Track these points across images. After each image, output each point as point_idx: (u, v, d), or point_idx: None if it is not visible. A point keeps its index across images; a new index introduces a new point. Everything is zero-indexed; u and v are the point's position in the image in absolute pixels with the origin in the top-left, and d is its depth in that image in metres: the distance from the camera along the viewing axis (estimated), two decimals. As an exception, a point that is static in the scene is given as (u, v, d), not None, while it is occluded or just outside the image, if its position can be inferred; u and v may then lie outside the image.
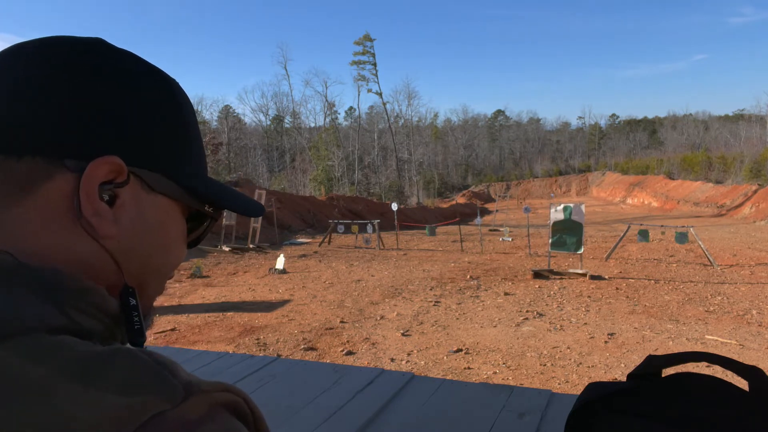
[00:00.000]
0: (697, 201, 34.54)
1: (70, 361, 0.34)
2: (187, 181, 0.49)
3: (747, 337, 6.84)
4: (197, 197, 0.50)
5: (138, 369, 0.35)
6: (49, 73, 0.42)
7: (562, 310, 8.42)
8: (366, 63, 57.58)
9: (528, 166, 74.98)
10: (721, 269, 11.63)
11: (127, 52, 0.48)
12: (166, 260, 0.50)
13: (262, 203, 15.65)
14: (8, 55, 0.44)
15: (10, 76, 0.42)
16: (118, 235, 0.43)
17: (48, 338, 0.35)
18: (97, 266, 0.43)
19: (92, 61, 0.44)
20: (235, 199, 0.54)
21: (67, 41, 0.45)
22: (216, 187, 0.52)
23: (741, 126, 60.45)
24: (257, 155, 59.56)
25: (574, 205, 11.86)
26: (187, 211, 0.51)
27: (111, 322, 0.42)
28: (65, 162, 0.41)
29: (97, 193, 0.42)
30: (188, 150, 0.50)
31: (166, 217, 0.48)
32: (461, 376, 5.76)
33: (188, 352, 2.18)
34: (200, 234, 0.56)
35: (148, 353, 0.37)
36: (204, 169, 0.53)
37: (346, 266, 13.24)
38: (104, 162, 0.42)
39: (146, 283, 0.48)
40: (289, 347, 6.83)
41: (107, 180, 0.42)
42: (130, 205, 0.44)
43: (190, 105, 0.52)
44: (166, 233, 0.49)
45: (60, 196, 0.41)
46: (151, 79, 0.47)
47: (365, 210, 27.99)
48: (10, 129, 0.41)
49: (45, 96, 0.41)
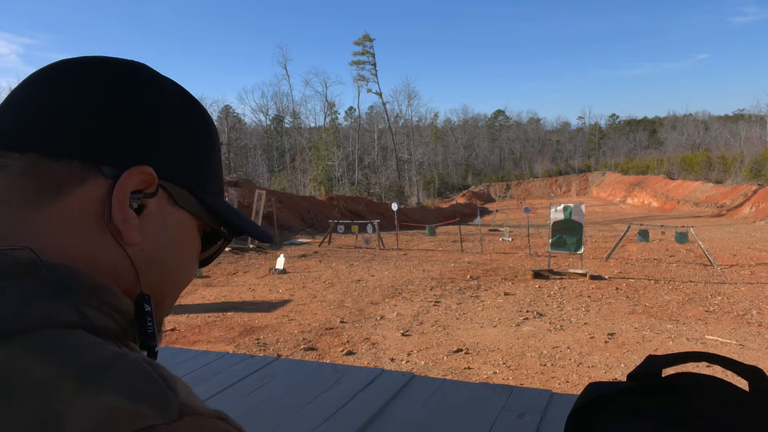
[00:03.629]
0: (697, 201, 34.55)
1: (74, 361, 0.34)
2: (209, 201, 0.51)
3: (747, 337, 6.84)
4: (216, 217, 0.52)
5: (138, 377, 0.35)
6: (97, 86, 0.45)
7: (562, 310, 8.42)
8: (366, 63, 57.58)
9: (528, 166, 74.99)
10: (721, 269, 11.63)
11: (167, 77, 0.51)
12: (182, 273, 0.52)
13: (262, 203, 15.55)
14: (57, 66, 0.47)
15: (59, 84, 0.45)
16: (141, 243, 0.45)
17: (57, 335, 0.35)
18: (117, 272, 0.44)
19: (136, 80, 0.47)
20: (249, 224, 0.56)
21: (115, 61, 0.48)
22: (233, 210, 0.55)
23: (741, 126, 60.43)
24: (257, 155, 59.55)
25: (574, 205, 11.87)
26: (202, 230, 0.53)
27: (124, 321, 0.43)
28: (102, 168, 0.43)
29: (127, 200, 0.43)
30: (213, 172, 0.53)
31: (186, 232, 0.50)
32: (461, 376, 5.76)
33: (188, 352, 2.18)
34: (211, 254, 0.58)
35: (153, 365, 0.37)
36: (222, 193, 0.56)
37: (346, 266, 13.24)
38: (138, 171, 0.44)
39: (161, 293, 0.50)
40: (289, 347, 6.83)
41: (138, 189, 0.44)
42: (156, 216, 0.47)
43: (217, 131, 0.55)
44: (185, 247, 0.51)
45: (91, 200, 0.43)
46: (187, 102, 0.51)
47: (365, 210, 28.00)
48: (53, 132, 0.43)
49: (89, 105, 0.44)
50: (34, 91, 0.45)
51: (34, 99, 0.44)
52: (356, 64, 57.71)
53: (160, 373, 0.37)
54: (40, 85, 0.45)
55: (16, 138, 0.43)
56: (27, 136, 0.43)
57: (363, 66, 57.62)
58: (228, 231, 0.55)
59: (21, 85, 0.46)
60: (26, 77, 0.47)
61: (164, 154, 0.46)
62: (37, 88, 0.45)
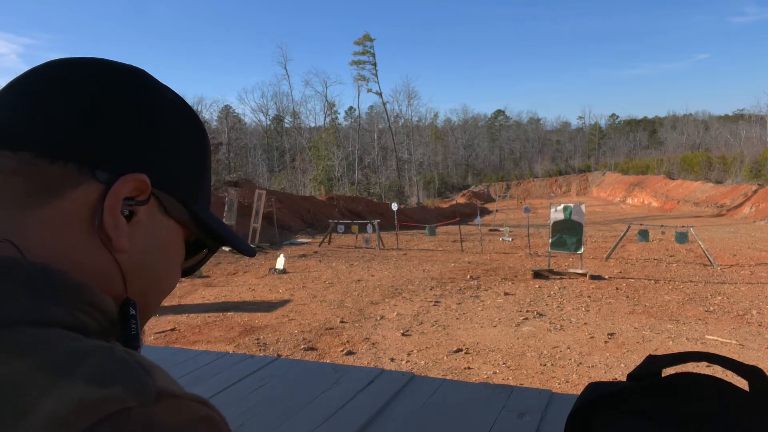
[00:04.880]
0: (697, 201, 34.55)
1: (47, 355, 0.34)
2: (198, 211, 0.51)
3: (747, 337, 6.84)
4: (204, 228, 0.53)
5: (112, 364, 0.35)
6: (96, 89, 0.45)
7: (562, 310, 8.42)
8: (366, 63, 57.55)
9: (528, 166, 74.96)
10: (721, 269, 11.63)
11: (164, 84, 0.51)
12: (168, 281, 0.52)
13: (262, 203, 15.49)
14: (58, 64, 0.46)
15: (57, 83, 0.44)
16: (130, 250, 0.45)
17: (32, 332, 0.35)
18: (105, 277, 0.44)
19: (134, 86, 0.47)
20: (233, 236, 0.56)
21: (114, 65, 0.48)
22: (219, 222, 0.55)
23: (741, 126, 60.40)
24: (257, 155, 59.53)
25: (574, 205, 11.87)
26: (187, 239, 0.53)
27: (105, 321, 0.42)
28: (96, 173, 0.43)
29: (119, 207, 0.43)
30: (203, 183, 0.53)
31: (173, 240, 0.51)
32: (461, 376, 5.76)
33: (188, 352, 2.18)
34: (195, 263, 0.58)
35: (130, 353, 0.37)
36: (210, 203, 0.56)
37: (346, 266, 13.24)
38: (132, 179, 0.44)
39: (146, 299, 0.50)
40: (289, 347, 6.83)
41: (130, 196, 0.44)
42: (146, 223, 0.46)
43: (209, 142, 0.55)
44: (172, 256, 0.51)
45: (83, 204, 0.43)
46: (184, 111, 0.51)
47: (365, 210, 27.99)
48: (49, 133, 0.42)
49: (86, 108, 0.44)
50: (29, 91, 0.44)
51: (28, 98, 0.44)
52: (356, 64, 57.70)
53: (136, 359, 0.36)
54: (37, 85, 0.45)
55: (9, 137, 0.42)
56: (21, 135, 0.42)
57: (363, 66, 57.61)
58: (213, 242, 0.55)
59: (14, 82, 0.46)
60: (20, 75, 0.46)
61: (159, 162, 0.46)
62: (33, 87, 0.45)
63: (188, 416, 0.35)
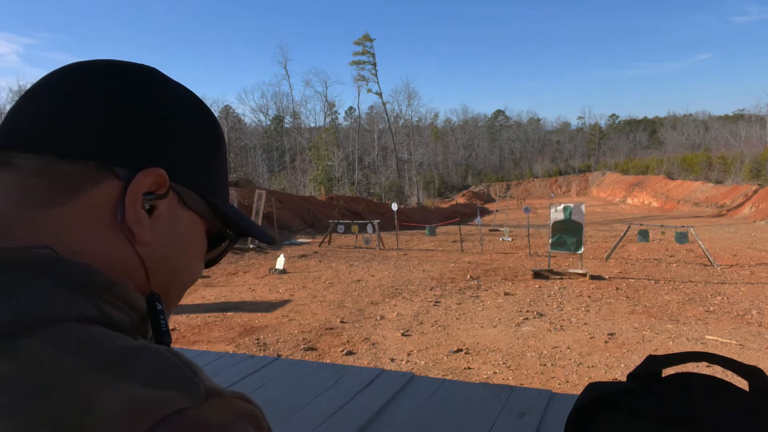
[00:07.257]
0: (697, 201, 34.55)
1: (98, 353, 0.35)
2: (216, 203, 0.53)
3: (747, 337, 6.84)
4: (223, 219, 0.54)
5: (164, 365, 0.36)
6: (113, 89, 0.46)
7: (562, 310, 8.42)
8: (366, 63, 57.60)
9: (528, 166, 74.97)
10: (721, 269, 11.63)
11: (177, 81, 0.53)
12: (189, 273, 0.53)
13: (262, 203, 15.51)
14: (76, 68, 0.48)
15: (76, 85, 0.46)
16: (152, 243, 0.46)
17: (79, 329, 0.36)
18: (128, 270, 0.45)
19: (150, 84, 0.48)
20: (253, 226, 0.58)
21: (130, 65, 0.49)
22: (238, 213, 0.57)
23: (741, 126, 60.45)
24: (257, 155, 59.52)
25: (574, 205, 11.86)
26: (208, 232, 0.55)
27: (136, 317, 0.44)
28: (116, 170, 0.44)
29: (140, 201, 0.45)
30: (221, 176, 0.55)
31: (194, 233, 0.52)
32: (461, 376, 5.76)
33: (188, 352, 2.18)
34: (217, 254, 0.60)
35: (174, 352, 0.39)
36: (228, 195, 0.57)
37: (346, 266, 13.24)
38: (151, 173, 0.45)
39: (169, 292, 0.51)
40: (289, 347, 6.83)
41: (150, 191, 0.46)
42: (166, 216, 0.48)
43: (224, 135, 0.57)
44: (193, 248, 0.53)
45: (104, 200, 0.44)
46: (197, 106, 0.52)
47: (365, 210, 27.99)
48: (68, 133, 0.44)
49: (105, 108, 0.45)
50: (51, 93, 0.46)
51: (47, 102, 0.45)
52: (356, 64, 57.75)
53: (182, 359, 0.38)
54: (57, 87, 0.46)
55: (33, 138, 0.44)
56: (42, 137, 0.44)
57: (363, 66, 57.66)
58: (234, 233, 0.57)
59: (37, 85, 0.47)
60: (38, 80, 0.48)
61: (176, 156, 0.48)
62: (54, 89, 0.46)
63: (234, 413, 0.37)
